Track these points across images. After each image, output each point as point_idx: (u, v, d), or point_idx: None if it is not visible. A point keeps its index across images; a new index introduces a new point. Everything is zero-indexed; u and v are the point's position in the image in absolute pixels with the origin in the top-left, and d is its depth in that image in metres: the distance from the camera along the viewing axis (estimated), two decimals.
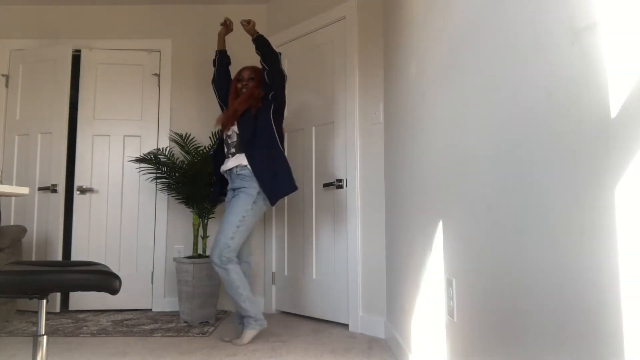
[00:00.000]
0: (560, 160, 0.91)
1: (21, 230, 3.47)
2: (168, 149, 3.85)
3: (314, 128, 3.67)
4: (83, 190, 3.99)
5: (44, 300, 1.71)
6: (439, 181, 1.76)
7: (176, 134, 3.88)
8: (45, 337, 1.73)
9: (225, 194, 3.13)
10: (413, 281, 2.22)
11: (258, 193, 2.86)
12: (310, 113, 3.71)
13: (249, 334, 2.80)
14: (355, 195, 3.26)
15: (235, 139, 3.00)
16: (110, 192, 4.04)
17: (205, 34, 4.23)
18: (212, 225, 3.96)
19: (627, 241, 0.72)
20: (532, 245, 1.03)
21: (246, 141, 2.92)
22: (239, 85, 3.11)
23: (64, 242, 3.90)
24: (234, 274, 2.78)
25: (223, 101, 3.22)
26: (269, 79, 2.98)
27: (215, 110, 4.12)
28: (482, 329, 1.34)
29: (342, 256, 3.35)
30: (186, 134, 3.86)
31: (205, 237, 3.68)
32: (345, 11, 3.45)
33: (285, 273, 3.79)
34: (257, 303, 2.88)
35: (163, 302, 3.95)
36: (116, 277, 1.61)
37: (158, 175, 3.76)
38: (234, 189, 2.97)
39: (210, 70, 3.37)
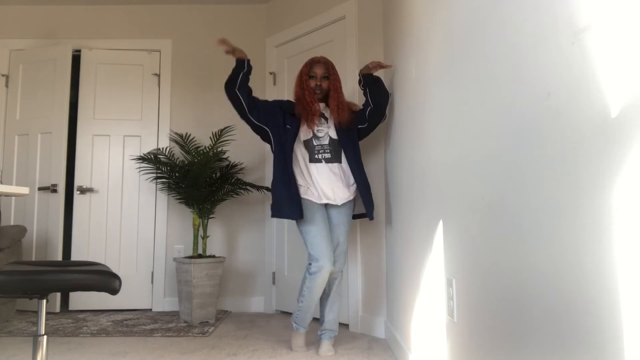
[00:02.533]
0: (560, 160, 0.91)
1: (21, 230, 3.47)
2: (168, 149, 3.86)
3: None
4: (83, 190, 3.99)
5: (44, 300, 1.72)
6: (439, 181, 1.76)
7: (176, 134, 3.88)
8: (45, 337, 1.73)
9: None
10: (413, 281, 2.22)
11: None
12: None
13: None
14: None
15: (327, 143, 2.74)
16: (110, 192, 4.04)
17: (205, 34, 4.23)
18: (212, 225, 3.96)
19: (626, 241, 0.72)
20: (532, 245, 1.03)
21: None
22: (313, 84, 2.73)
23: (64, 242, 3.90)
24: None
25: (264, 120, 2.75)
26: (370, 117, 2.79)
27: (215, 110, 4.12)
28: (482, 329, 1.34)
29: None
30: (186, 134, 3.86)
31: (205, 237, 3.67)
32: (345, 11, 3.45)
33: (285, 273, 3.78)
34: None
35: (163, 302, 3.95)
36: (116, 277, 1.61)
37: (158, 175, 3.77)
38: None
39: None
